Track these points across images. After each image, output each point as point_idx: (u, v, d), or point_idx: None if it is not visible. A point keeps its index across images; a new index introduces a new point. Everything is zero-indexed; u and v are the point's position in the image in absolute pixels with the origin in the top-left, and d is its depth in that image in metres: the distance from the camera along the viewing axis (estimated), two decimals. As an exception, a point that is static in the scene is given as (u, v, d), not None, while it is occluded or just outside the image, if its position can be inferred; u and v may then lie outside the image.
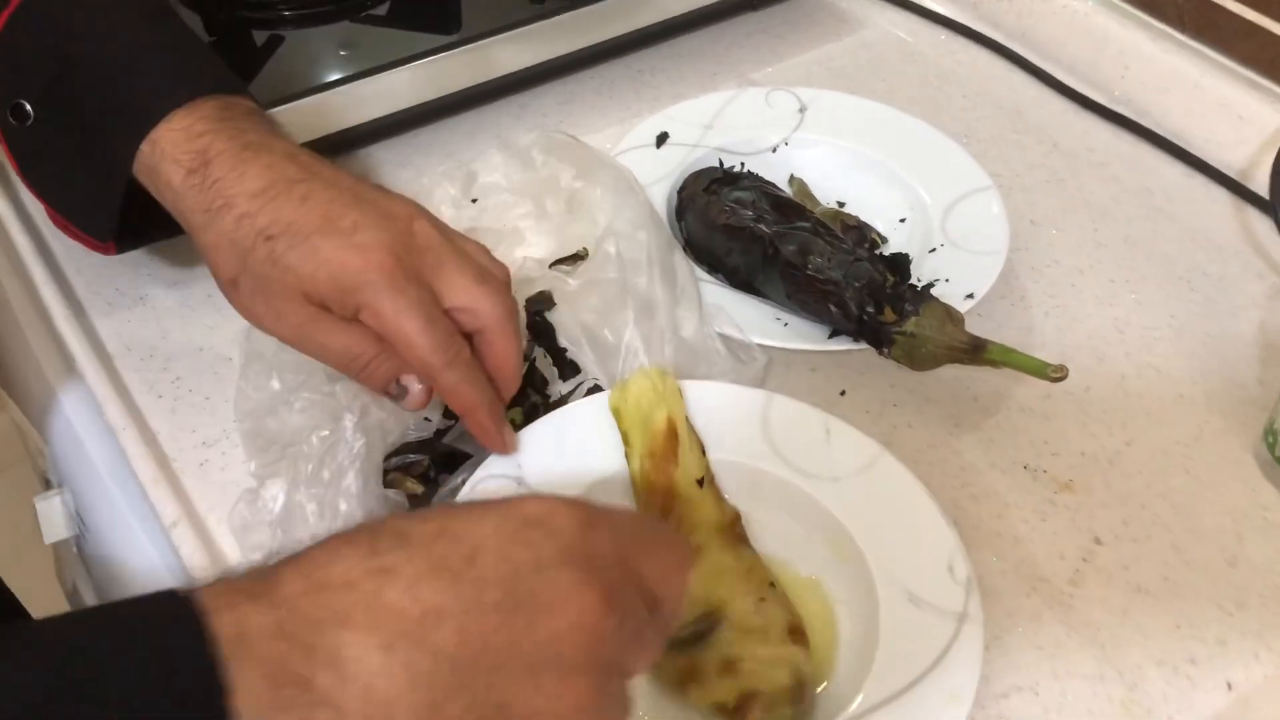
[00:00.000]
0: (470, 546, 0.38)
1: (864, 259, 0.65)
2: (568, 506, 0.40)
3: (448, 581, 0.37)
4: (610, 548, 0.40)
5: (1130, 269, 0.75)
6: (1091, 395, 0.67)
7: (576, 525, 0.39)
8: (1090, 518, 0.61)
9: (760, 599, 0.53)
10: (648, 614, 0.41)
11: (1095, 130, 0.85)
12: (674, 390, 0.60)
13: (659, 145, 0.77)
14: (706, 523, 0.56)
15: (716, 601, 0.53)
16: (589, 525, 0.40)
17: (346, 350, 0.55)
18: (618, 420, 0.59)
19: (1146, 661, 0.56)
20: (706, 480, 0.58)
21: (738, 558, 0.55)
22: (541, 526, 0.39)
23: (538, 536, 0.39)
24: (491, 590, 0.37)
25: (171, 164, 0.56)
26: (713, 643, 0.52)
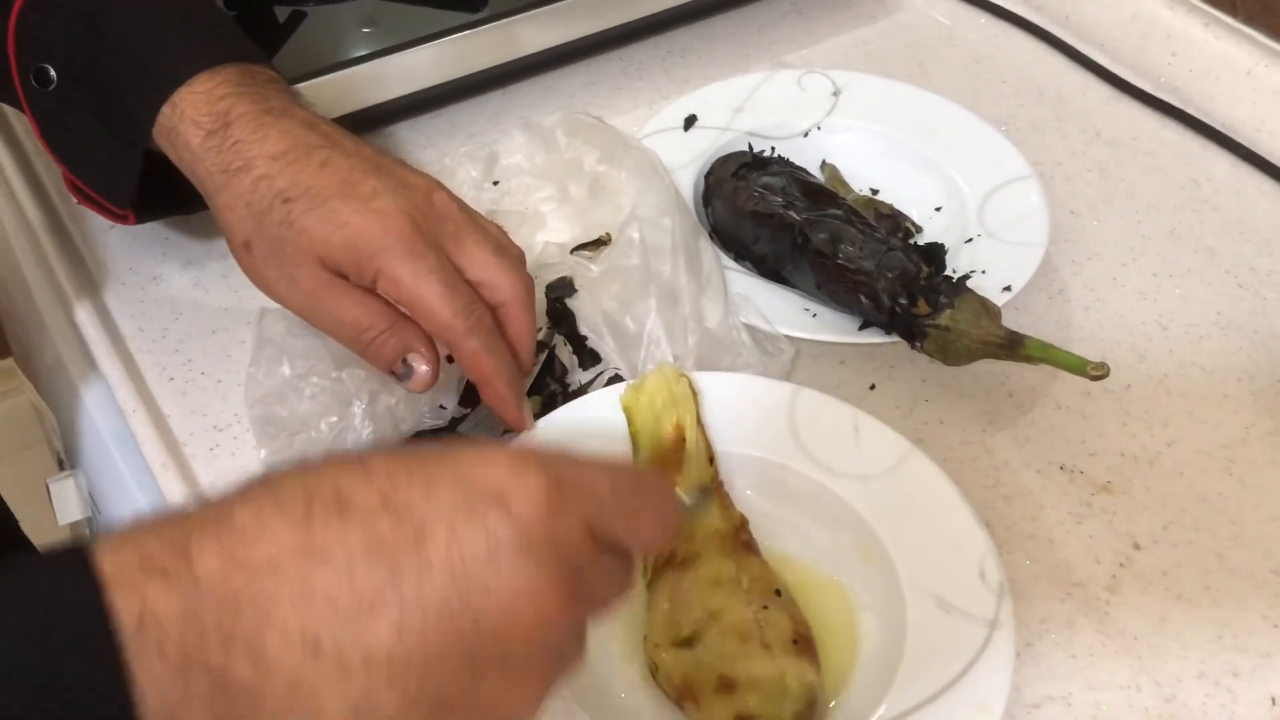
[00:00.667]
0: (417, 526, 0.34)
1: (897, 249, 0.62)
2: (535, 477, 0.35)
3: (387, 569, 0.33)
4: (577, 529, 0.36)
5: (1175, 263, 0.72)
6: (1132, 393, 0.65)
7: (541, 506, 0.35)
8: (1129, 521, 0.59)
9: (763, 607, 0.50)
10: (615, 572, 0.38)
11: (1140, 119, 0.82)
12: (687, 395, 0.57)
13: (687, 128, 0.75)
14: (706, 530, 0.54)
15: (713, 609, 0.50)
16: (555, 504, 0.35)
17: (357, 322, 0.54)
18: (628, 420, 0.57)
19: (1186, 673, 0.53)
20: (713, 489, 0.56)
21: (739, 565, 0.52)
22: (500, 505, 0.34)
23: (495, 519, 0.34)
24: (436, 581, 0.33)
25: (191, 126, 0.55)
26: (710, 656, 0.49)
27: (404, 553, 0.33)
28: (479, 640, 0.34)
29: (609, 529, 0.37)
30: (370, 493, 0.34)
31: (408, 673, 0.33)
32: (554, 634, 0.35)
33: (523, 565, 0.34)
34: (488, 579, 0.34)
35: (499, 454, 0.36)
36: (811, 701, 0.49)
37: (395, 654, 0.33)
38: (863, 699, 0.49)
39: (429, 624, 0.33)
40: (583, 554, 0.36)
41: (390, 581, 0.33)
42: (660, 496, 0.41)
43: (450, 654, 0.34)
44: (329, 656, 0.32)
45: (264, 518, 0.33)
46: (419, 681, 0.33)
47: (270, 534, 0.33)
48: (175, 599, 0.31)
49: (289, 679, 0.32)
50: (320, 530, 0.33)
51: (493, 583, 0.34)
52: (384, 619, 0.33)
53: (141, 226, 0.72)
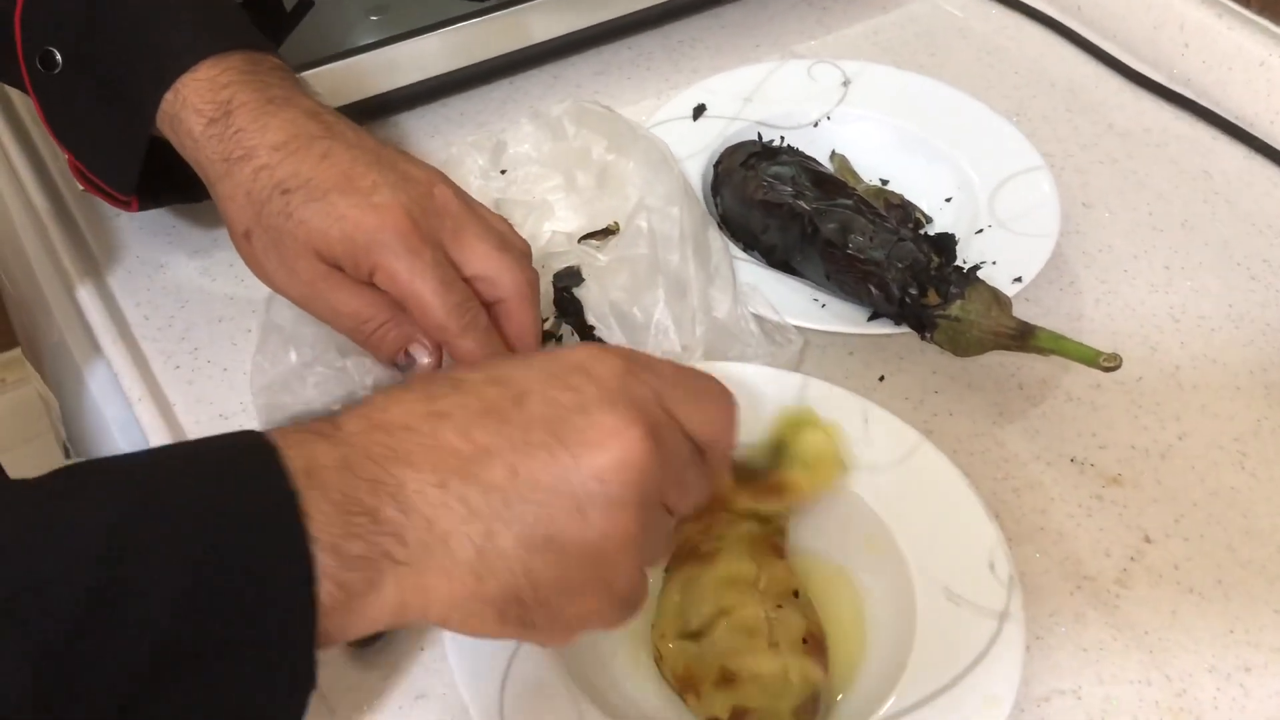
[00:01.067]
0: (518, 390, 0.40)
1: (907, 239, 0.62)
2: (609, 353, 0.42)
3: (497, 423, 0.39)
4: (651, 391, 0.41)
5: (1187, 255, 0.72)
6: (1143, 386, 0.64)
7: (618, 370, 0.41)
8: (1139, 514, 0.58)
9: (776, 606, 0.50)
10: (691, 456, 0.42)
11: (1153, 110, 0.82)
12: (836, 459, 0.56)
13: (696, 118, 0.74)
14: (736, 532, 0.53)
15: (725, 605, 0.50)
16: (629, 370, 0.41)
17: (356, 313, 0.54)
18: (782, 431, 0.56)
19: (1197, 668, 0.53)
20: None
21: (760, 565, 0.51)
22: (584, 372, 0.41)
23: (580, 381, 0.40)
24: (538, 430, 0.39)
25: (193, 113, 0.55)
26: (714, 650, 0.49)
27: (509, 410, 0.40)
28: (581, 479, 0.39)
29: (678, 408, 0.42)
30: (477, 374, 0.41)
31: (523, 509, 0.38)
32: (645, 476, 0.40)
33: (609, 412, 0.40)
34: (581, 425, 0.39)
35: (584, 346, 0.43)
36: (814, 698, 0.48)
37: (510, 493, 0.38)
38: (872, 691, 0.49)
39: (535, 466, 0.39)
40: (658, 414, 0.41)
41: (501, 432, 0.39)
42: (722, 394, 0.45)
43: (557, 492, 0.39)
44: (455, 496, 0.38)
45: (394, 395, 0.41)
46: (533, 517, 0.39)
47: (400, 404, 0.40)
48: (333, 453, 0.38)
49: (426, 516, 0.38)
50: (441, 399, 0.40)
51: (586, 428, 0.39)
52: (498, 462, 0.39)
53: (148, 214, 0.72)
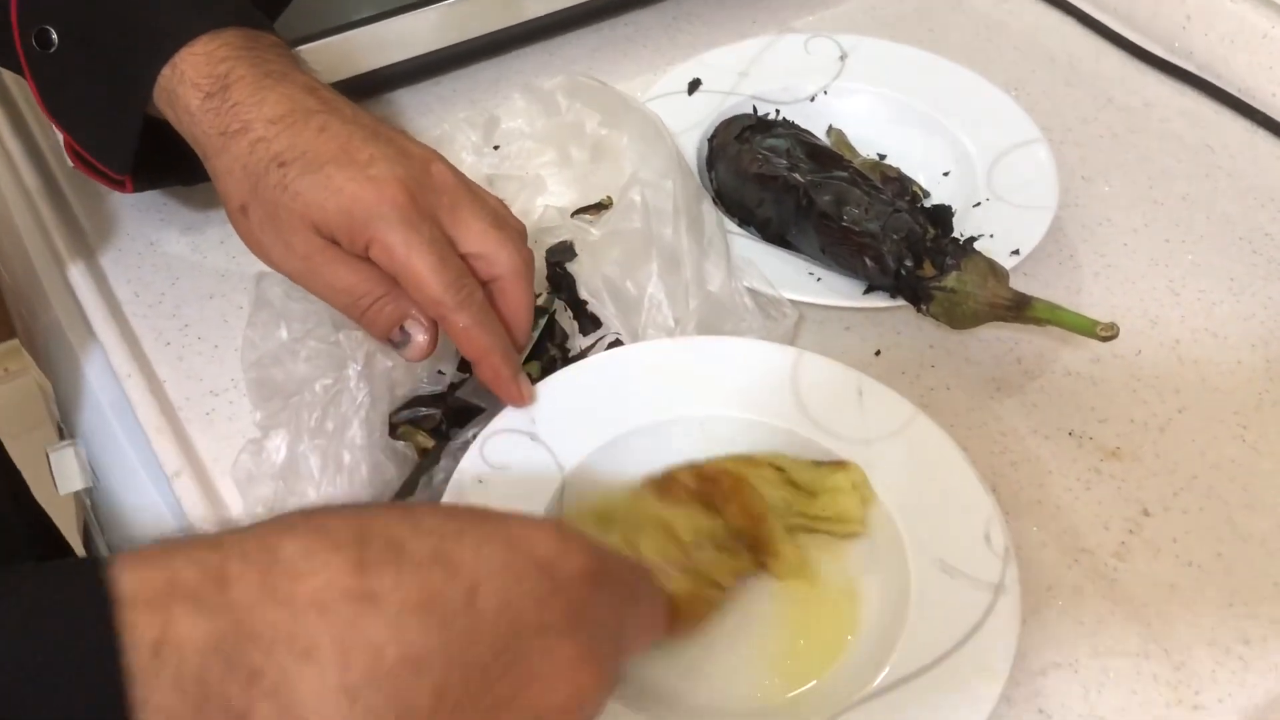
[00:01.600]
0: (470, 582, 0.33)
1: (903, 210, 0.61)
2: (579, 552, 0.36)
3: (437, 624, 0.32)
4: (610, 611, 0.37)
5: (1187, 229, 0.71)
6: (1143, 359, 0.63)
7: (586, 582, 0.36)
8: (1138, 488, 0.58)
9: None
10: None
11: (1153, 85, 0.81)
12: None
13: (691, 92, 0.74)
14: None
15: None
16: (597, 583, 0.36)
17: (352, 289, 0.53)
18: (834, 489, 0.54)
19: (1196, 641, 0.52)
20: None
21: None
22: (551, 575, 0.35)
23: (545, 589, 0.34)
24: (483, 644, 0.33)
25: (190, 88, 0.55)
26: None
27: (455, 609, 0.32)
28: (514, 713, 0.34)
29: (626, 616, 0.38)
30: (423, 543, 0.33)
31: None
32: (586, 710, 0.35)
33: (568, 643, 0.34)
34: (533, 651, 0.34)
35: (545, 525, 0.37)
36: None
37: (432, 714, 0.32)
38: (864, 663, 0.49)
39: (470, 689, 0.32)
40: (613, 639, 0.37)
41: (439, 638, 0.32)
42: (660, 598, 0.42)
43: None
44: (362, 710, 0.31)
45: (314, 553, 0.32)
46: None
47: (320, 572, 0.31)
48: (202, 626, 0.30)
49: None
50: (374, 574, 0.32)
51: (538, 656, 0.34)
52: (428, 679, 0.32)
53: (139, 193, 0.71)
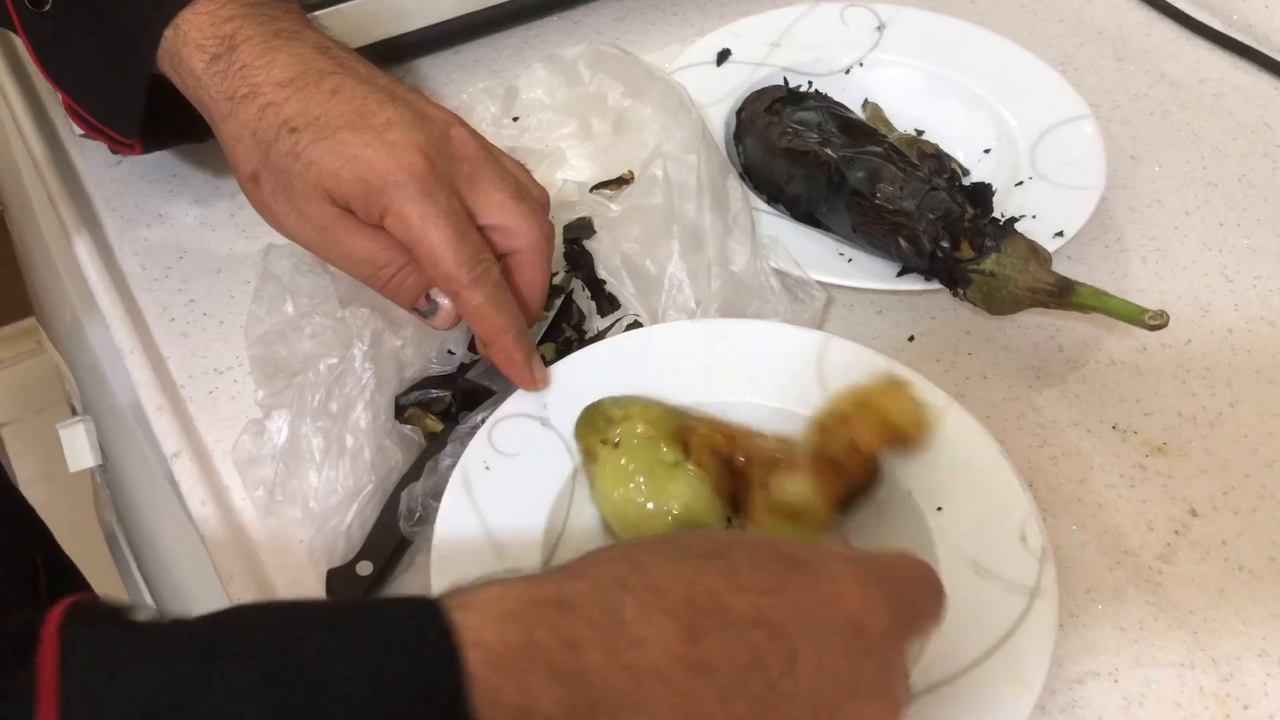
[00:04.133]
0: (790, 647, 0.34)
1: (941, 188, 0.58)
2: (884, 604, 0.36)
3: (762, 690, 0.33)
4: (909, 646, 0.38)
5: (1243, 212, 0.67)
6: (1192, 349, 0.60)
7: (894, 636, 0.37)
8: (1185, 486, 0.54)
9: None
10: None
11: (1208, 59, 0.77)
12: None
13: (719, 63, 0.71)
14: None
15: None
16: (902, 634, 0.37)
17: (372, 258, 0.51)
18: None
19: (1246, 651, 0.49)
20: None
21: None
22: (862, 634, 0.36)
23: (856, 648, 0.35)
24: (802, 703, 0.34)
25: (195, 49, 0.52)
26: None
27: (778, 672, 0.34)
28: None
29: (918, 638, 0.39)
30: (744, 603, 0.34)
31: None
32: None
33: (875, 699, 0.36)
34: (844, 708, 0.35)
35: (850, 573, 0.37)
36: None
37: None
38: (889, 670, 0.46)
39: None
40: (904, 665, 0.38)
41: (763, 703, 0.33)
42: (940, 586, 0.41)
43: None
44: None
45: (650, 619, 0.33)
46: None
47: (657, 641, 0.33)
48: (559, 694, 0.31)
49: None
50: (705, 641, 0.33)
51: (848, 711, 0.35)
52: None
53: (149, 161, 0.69)
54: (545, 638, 0.32)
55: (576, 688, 0.31)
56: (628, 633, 0.32)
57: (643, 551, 0.36)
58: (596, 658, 0.32)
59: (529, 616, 0.32)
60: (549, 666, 0.31)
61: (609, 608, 0.33)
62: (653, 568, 0.35)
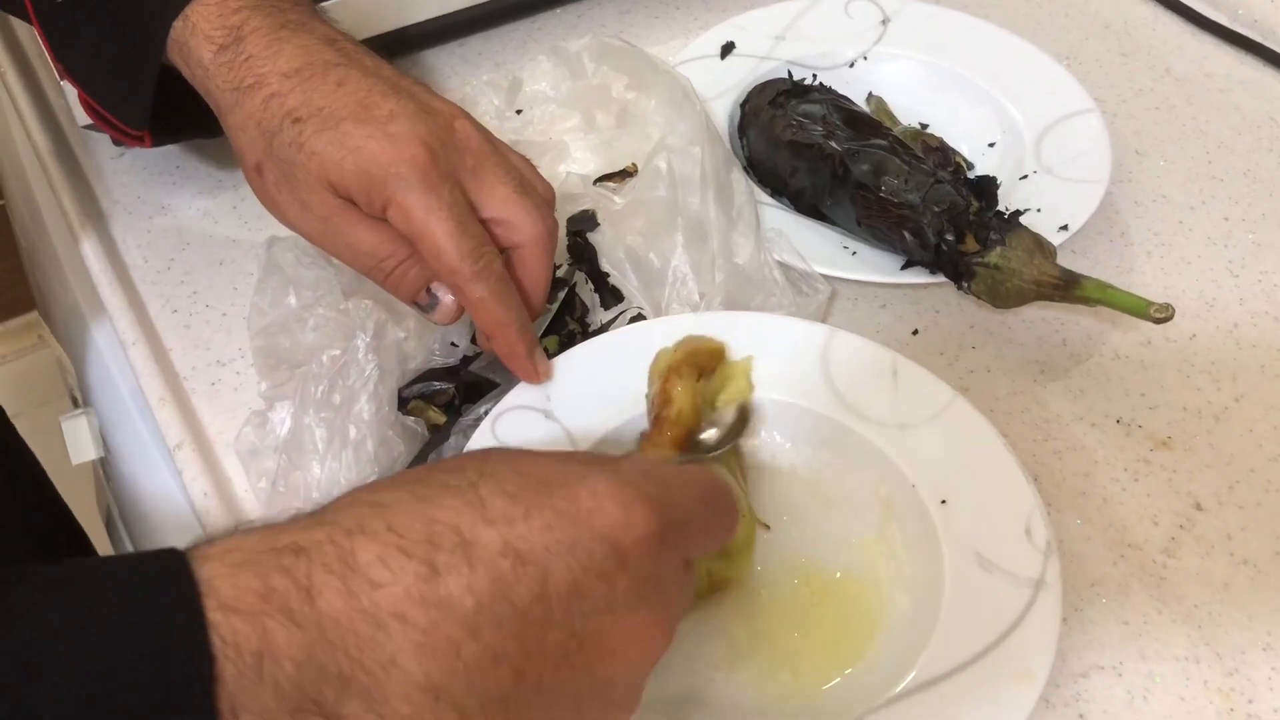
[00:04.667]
0: (540, 572, 0.34)
1: (945, 181, 0.58)
2: (644, 515, 0.35)
3: (511, 617, 0.33)
4: (677, 557, 0.37)
5: (1249, 206, 0.67)
6: (1197, 344, 0.60)
7: (653, 546, 0.35)
8: (1190, 480, 0.54)
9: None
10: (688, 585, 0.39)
11: (1214, 54, 0.77)
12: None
13: (724, 56, 0.70)
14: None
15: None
16: (662, 543, 0.36)
17: (374, 250, 0.51)
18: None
19: (1250, 645, 0.49)
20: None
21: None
22: (617, 551, 0.35)
23: (612, 566, 0.34)
24: (556, 629, 0.34)
25: (203, 40, 0.53)
26: None
27: (528, 598, 0.33)
28: (592, 685, 0.35)
29: (694, 547, 0.39)
30: (492, 534, 0.34)
31: (521, 713, 0.33)
32: (650, 668, 0.36)
33: (638, 614, 0.35)
34: (605, 627, 0.34)
35: (609, 489, 0.35)
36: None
37: (511, 699, 0.33)
38: (892, 663, 0.46)
39: (546, 671, 0.34)
40: (678, 577, 0.37)
41: (514, 629, 0.33)
42: (732, 511, 0.40)
43: (563, 698, 0.34)
44: (448, 704, 0.32)
45: (389, 559, 0.32)
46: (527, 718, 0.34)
47: (397, 580, 0.32)
48: (297, 636, 0.31)
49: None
50: (447, 577, 0.33)
51: (609, 631, 0.35)
52: (505, 666, 0.33)
53: (152, 153, 0.69)
54: (281, 584, 0.31)
55: (315, 631, 0.31)
56: (365, 575, 0.32)
57: (389, 492, 0.35)
58: (334, 602, 0.31)
59: (266, 564, 0.31)
60: (286, 612, 0.31)
61: (345, 553, 0.32)
62: (394, 509, 0.34)
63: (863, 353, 0.54)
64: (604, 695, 0.35)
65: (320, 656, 0.31)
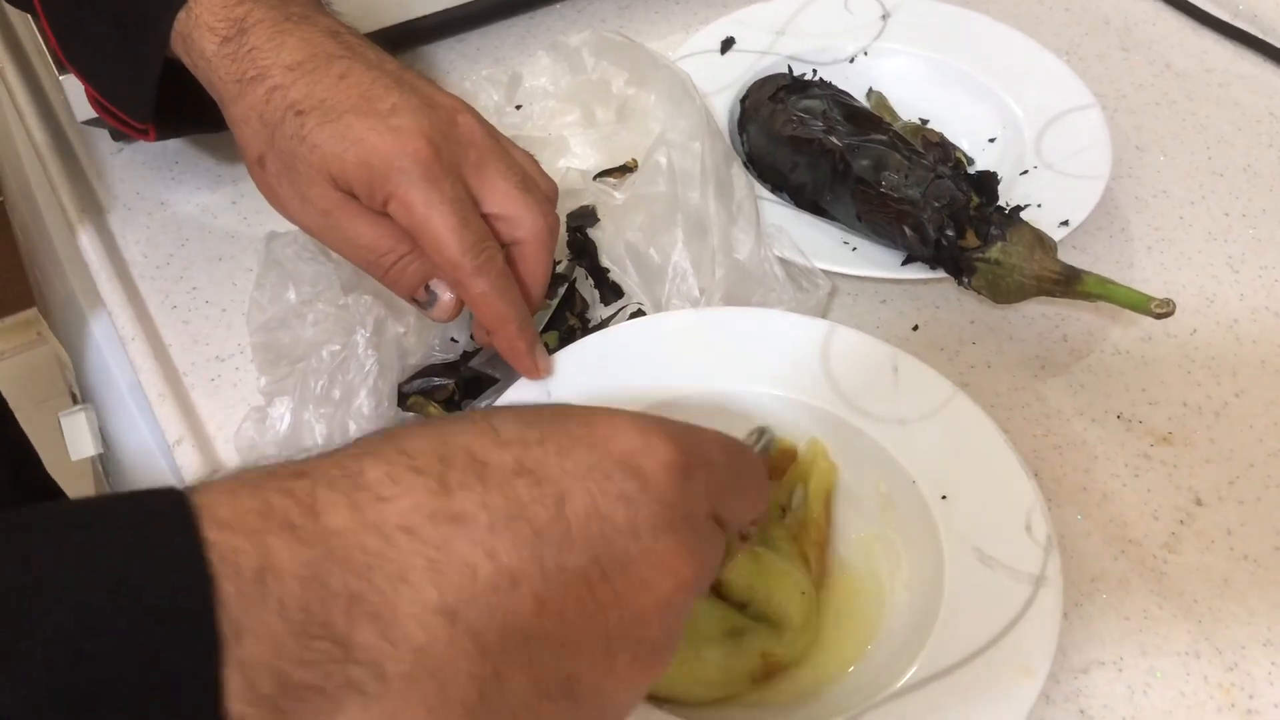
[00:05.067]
0: (557, 492, 0.32)
1: (946, 176, 0.58)
2: (665, 444, 0.34)
3: (528, 537, 0.31)
4: (704, 499, 0.35)
5: (1249, 201, 0.67)
6: (1198, 339, 0.60)
7: (675, 474, 0.34)
8: (1191, 475, 0.54)
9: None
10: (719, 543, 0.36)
11: (1214, 49, 0.77)
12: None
13: (724, 51, 0.70)
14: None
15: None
16: (687, 473, 0.34)
17: (374, 245, 0.50)
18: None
19: (1250, 640, 0.49)
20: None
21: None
22: (636, 474, 0.33)
23: (633, 489, 0.33)
24: (577, 553, 0.32)
25: (206, 31, 0.52)
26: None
27: (545, 521, 0.31)
28: (620, 621, 0.32)
29: (723, 505, 0.36)
30: (505, 455, 0.32)
31: (544, 654, 0.31)
32: (684, 610, 0.34)
33: (663, 540, 0.33)
34: (630, 554, 0.32)
35: (626, 419, 0.34)
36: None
37: (533, 632, 0.31)
38: (892, 659, 0.46)
39: (569, 600, 0.31)
40: (709, 530, 0.35)
41: (532, 551, 0.31)
42: (763, 480, 0.40)
43: (588, 632, 0.32)
44: (464, 630, 0.30)
45: (398, 476, 0.31)
46: (554, 663, 0.31)
47: (406, 494, 0.30)
48: (301, 554, 0.29)
49: (417, 650, 0.29)
50: (459, 493, 0.31)
51: (634, 558, 0.32)
52: (525, 591, 0.31)
53: (151, 148, 0.69)
54: (282, 503, 0.29)
55: (320, 548, 0.29)
56: (372, 491, 0.30)
57: (400, 427, 0.34)
58: (339, 517, 0.30)
59: (266, 487, 0.30)
60: (289, 528, 0.29)
61: (351, 473, 0.31)
62: (405, 435, 0.32)
63: (863, 348, 0.54)
64: (636, 635, 0.33)
65: (326, 574, 0.29)
